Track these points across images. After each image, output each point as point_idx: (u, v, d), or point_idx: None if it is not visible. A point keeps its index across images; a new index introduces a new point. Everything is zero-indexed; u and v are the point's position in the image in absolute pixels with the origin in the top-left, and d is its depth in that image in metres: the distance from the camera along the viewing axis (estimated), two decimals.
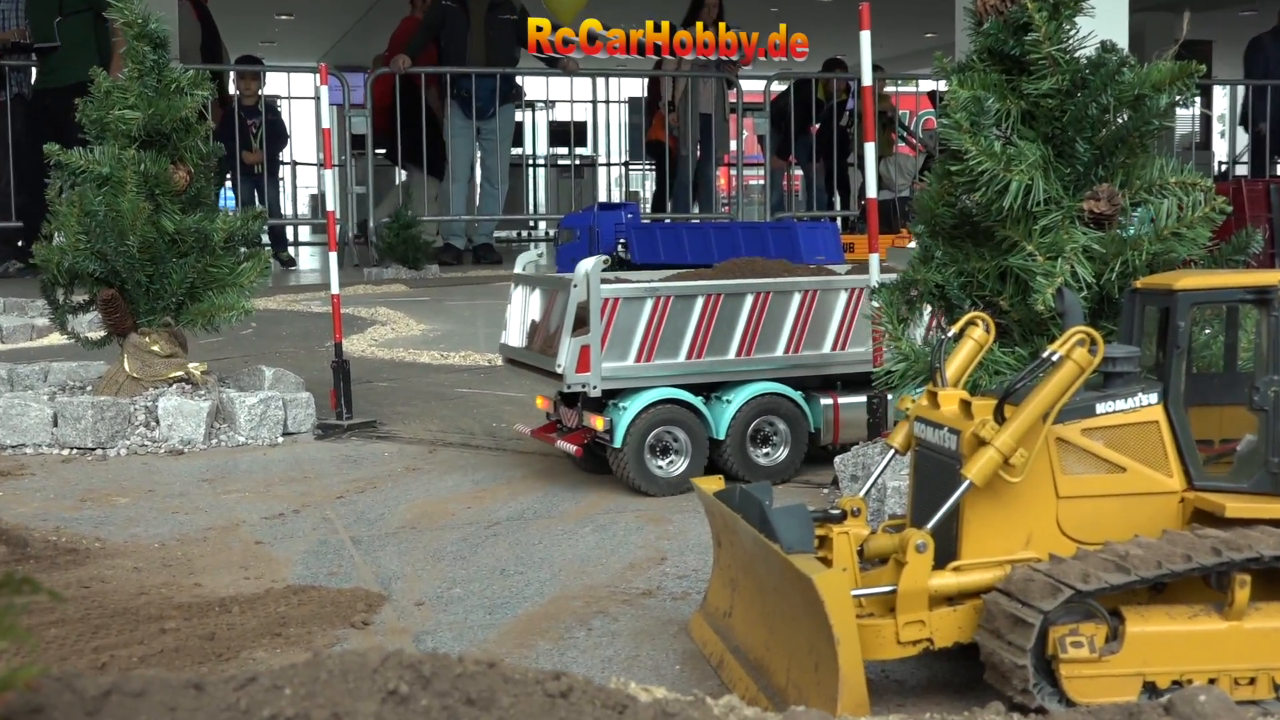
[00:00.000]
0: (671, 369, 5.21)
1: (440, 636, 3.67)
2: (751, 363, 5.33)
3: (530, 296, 5.55)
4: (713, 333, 5.24)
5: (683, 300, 5.20)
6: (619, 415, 5.11)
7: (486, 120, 16.89)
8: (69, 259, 6.26)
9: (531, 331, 5.49)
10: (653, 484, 5.16)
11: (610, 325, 5.11)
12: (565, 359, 5.09)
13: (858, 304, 5.43)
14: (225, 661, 3.43)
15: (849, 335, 5.45)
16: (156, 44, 6.28)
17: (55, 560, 4.33)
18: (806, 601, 2.90)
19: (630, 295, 5.14)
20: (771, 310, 5.31)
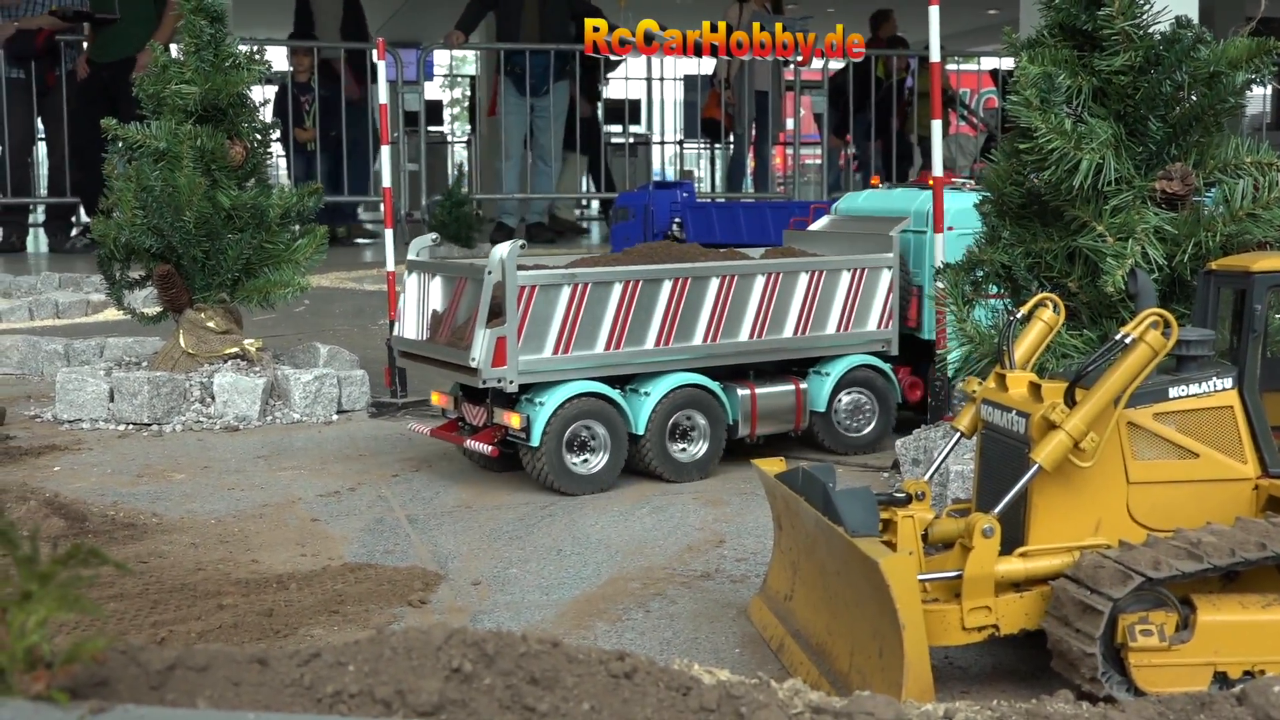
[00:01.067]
0: (589, 361, 4.92)
1: (497, 616, 3.65)
2: (671, 352, 5.07)
3: (430, 284, 5.15)
4: (631, 322, 4.97)
5: (600, 287, 4.90)
6: (536, 411, 4.80)
7: (540, 97, 16.85)
8: (126, 234, 6.27)
9: (434, 323, 5.09)
10: (571, 483, 4.86)
11: (527, 315, 4.79)
12: (480, 352, 4.73)
13: (775, 289, 5.20)
14: (283, 638, 3.42)
15: (766, 321, 5.22)
16: (214, 18, 6.27)
17: (113, 535, 4.34)
18: (871, 586, 2.85)
19: (547, 282, 4.83)
20: (689, 297, 5.06)
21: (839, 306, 5.36)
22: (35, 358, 7.35)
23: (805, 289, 5.29)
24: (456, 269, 5.12)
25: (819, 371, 5.42)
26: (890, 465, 5.19)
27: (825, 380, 5.37)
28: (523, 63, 16.49)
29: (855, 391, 5.45)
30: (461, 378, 4.92)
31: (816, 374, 5.42)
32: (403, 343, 5.26)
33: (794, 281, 5.27)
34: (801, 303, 5.28)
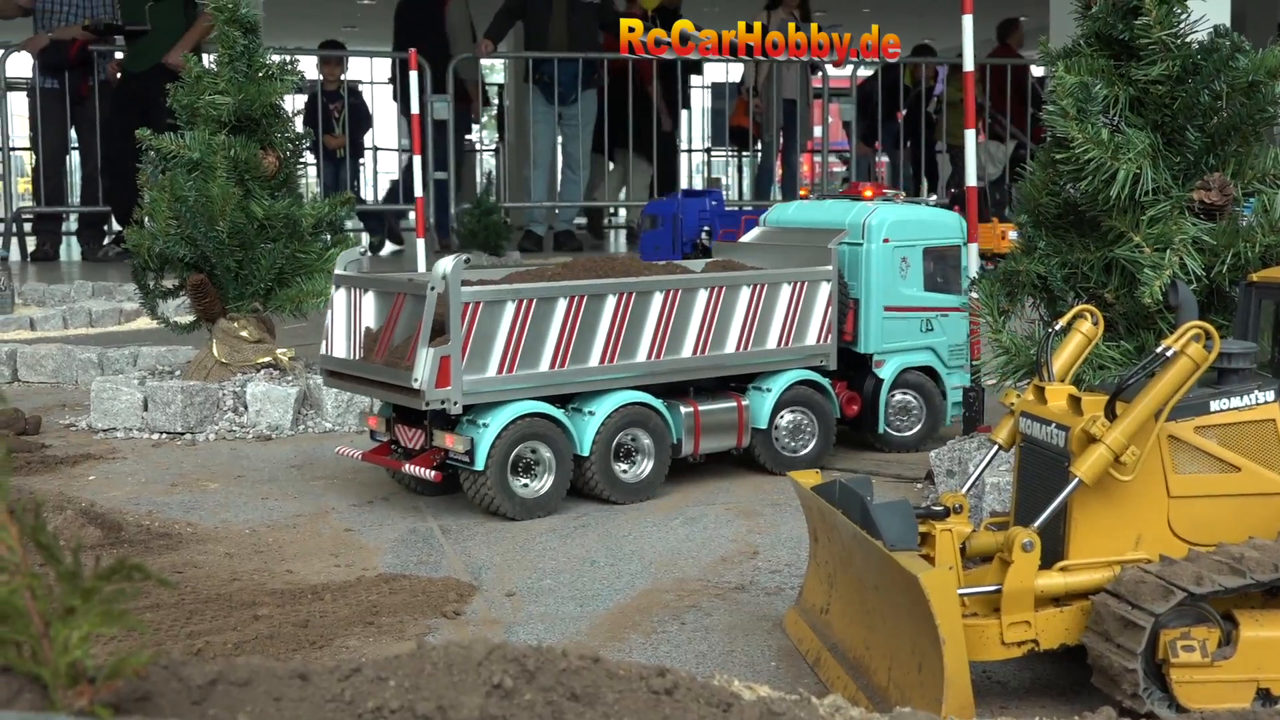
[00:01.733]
0: (534, 380, 4.73)
1: (532, 628, 3.64)
2: (615, 370, 4.89)
3: (362, 300, 4.89)
4: (576, 338, 4.78)
5: (545, 303, 4.71)
6: (480, 433, 4.60)
7: (568, 105, 16.88)
8: (159, 244, 6.30)
9: (368, 341, 4.85)
10: (516, 507, 4.68)
11: (471, 333, 4.57)
12: (423, 373, 4.48)
13: (718, 303, 5.06)
14: (319, 649, 3.42)
15: (710, 336, 5.07)
16: (247, 29, 6.30)
17: (149, 545, 4.35)
18: (910, 600, 2.83)
19: (492, 298, 4.62)
20: (634, 312, 4.89)
21: (780, 321, 5.24)
22: (70, 366, 7.39)
23: (747, 303, 5.16)
24: (393, 284, 4.88)
25: (759, 388, 5.29)
26: (924, 476, 5.16)
27: (766, 397, 5.25)
28: (551, 71, 16.53)
29: (796, 409, 5.32)
30: (400, 399, 4.68)
31: (757, 390, 5.28)
32: (332, 362, 4.97)
33: (736, 295, 5.14)
34: (744, 317, 5.16)
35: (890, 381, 5.57)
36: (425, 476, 4.69)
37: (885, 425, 5.60)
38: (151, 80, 13.29)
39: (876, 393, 5.56)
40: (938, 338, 5.69)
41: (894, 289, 5.54)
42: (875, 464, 5.56)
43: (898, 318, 5.57)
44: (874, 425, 5.60)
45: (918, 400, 5.67)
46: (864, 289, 5.48)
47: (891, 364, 5.59)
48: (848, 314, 5.47)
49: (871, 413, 5.58)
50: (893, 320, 5.56)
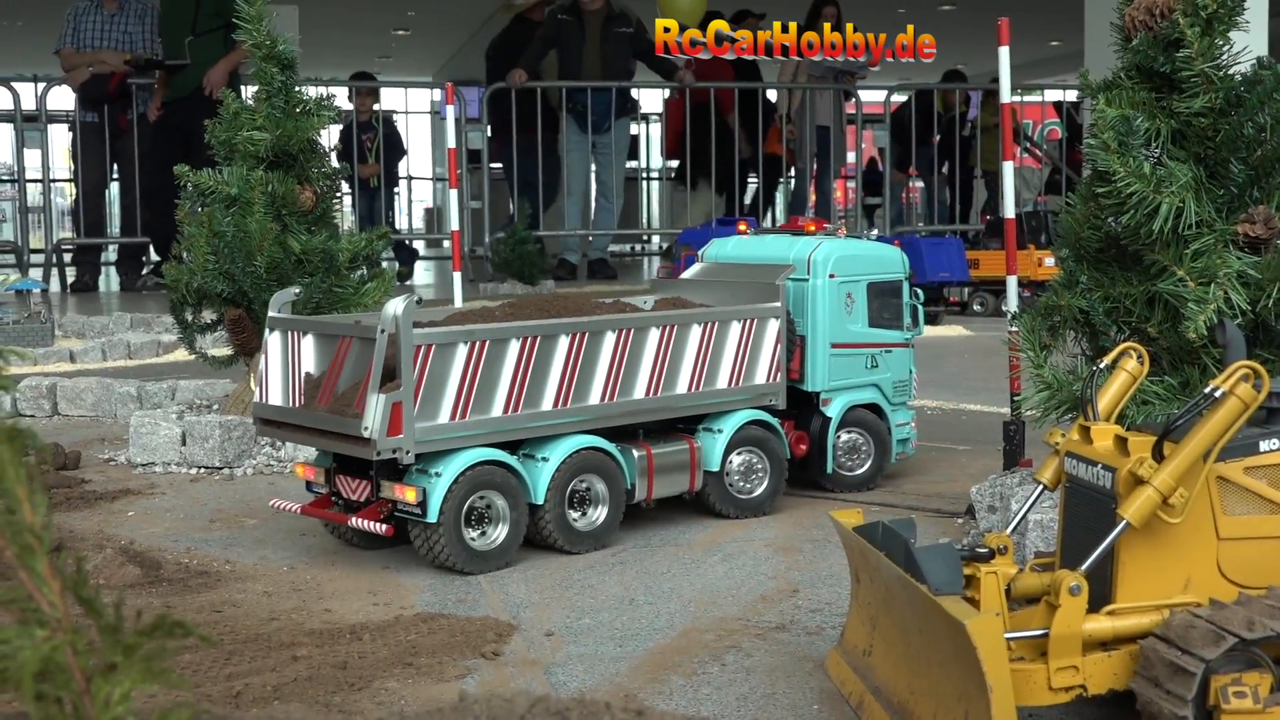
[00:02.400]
0: (487, 426, 4.50)
1: (571, 669, 3.61)
2: (569, 413, 4.69)
3: (300, 344, 4.63)
4: (529, 381, 4.58)
5: (498, 344, 4.50)
6: (432, 484, 4.37)
7: (602, 134, 16.93)
8: (197, 279, 6.33)
9: (309, 388, 4.59)
10: (471, 561, 4.45)
11: (423, 377, 4.34)
12: (374, 421, 4.22)
13: (670, 341, 4.92)
14: (358, 691, 3.41)
15: (661, 376, 4.92)
16: (284, 65, 6.33)
17: (187, 583, 4.35)
18: (957, 647, 2.79)
19: (444, 340, 4.40)
20: (586, 352, 4.71)
21: (730, 359, 5.11)
22: (109, 400, 7.43)
23: (699, 342, 5.01)
24: (337, 327, 4.67)
25: (709, 429, 5.13)
26: (964, 511, 5.11)
27: (718, 438, 5.10)
28: (584, 100, 16.58)
29: (747, 450, 5.18)
30: (347, 449, 4.41)
31: (707, 431, 5.13)
32: (267, 410, 4.68)
33: (687, 334, 4.98)
34: (695, 356, 5.01)
35: (838, 420, 5.45)
36: (376, 531, 4.45)
37: (834, 465, 5.48)
38: (191, 110, 13.41)
39: (824, 432, 5.44)
40: (882, 374, 5.61)
41: (840, 325, 5.45)
42: (917, 499, 5.52)
43: (844, 354, 5.47)
44: (822, 465, 5.47)
45: (865, 439, 5.57)
46: (810, 325, 5.38)
47: (838, 402, 5.49)
48: (794, 351, 5.35)
49: (819, 452, 5.45)
50: (839, 357, 5.47)
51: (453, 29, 22.85)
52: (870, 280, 5.53)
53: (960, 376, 9.17)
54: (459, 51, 24.82)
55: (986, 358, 10.14)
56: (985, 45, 19.65)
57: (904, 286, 5.65)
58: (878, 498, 5.53)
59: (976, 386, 8.63)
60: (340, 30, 19.34)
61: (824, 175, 19.08)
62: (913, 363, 5.79)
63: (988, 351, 10.52)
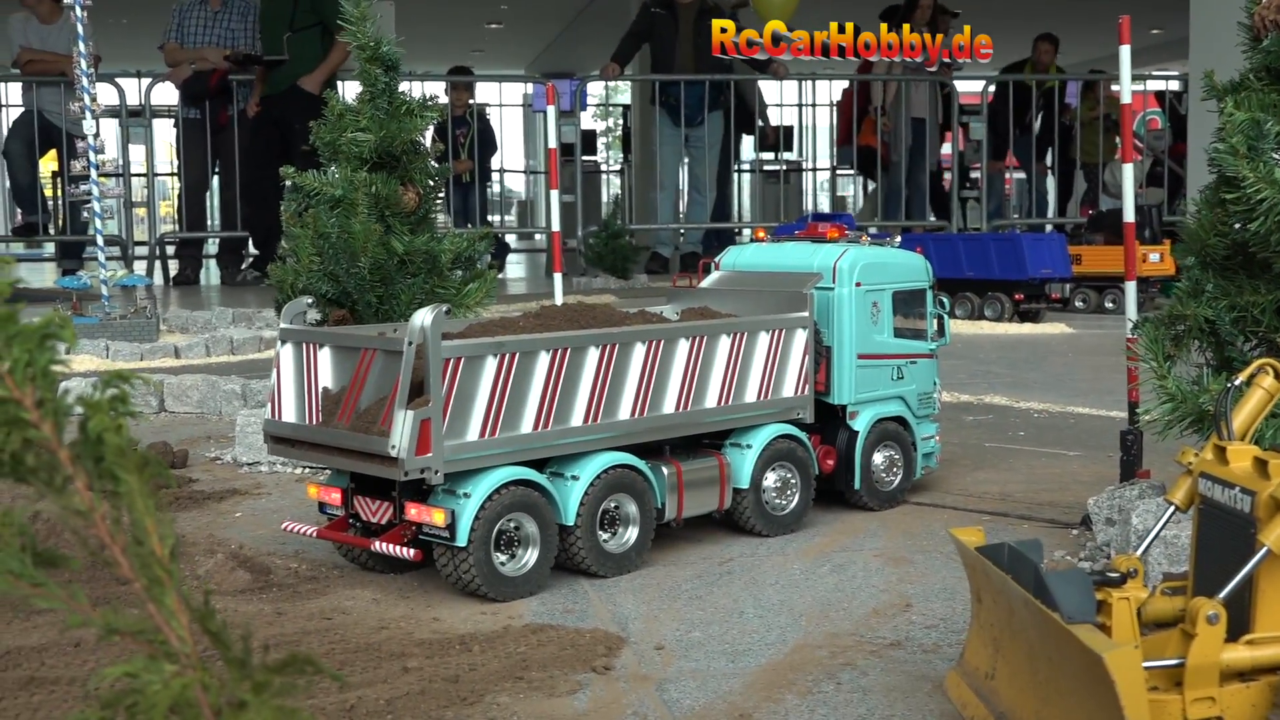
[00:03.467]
0: (516, 444, 4.30)
1: (683, 685, 3.56)
2: (598, 430, 4.48)
3: (316, 357, 4.44)
4: (559, 396, 4.39)
5: (528, 357, 4.31)
6: (461, 505, 4.16)
7: (694, 127, 16.87)
8: (303, 280, 6.35)
9: (328, 404, 4.39)
10: (500, 587, 4.24)
11: (452, 392, 4.13)
12: (402, 439, 4.01)
13: (699, 353, 4.75)
14: (470, 706, 3.38)
15: (691, 390, 4.74)
16: (388, 66, 6.33)
17: (297, 589, 4.37)
18: (1091, 678, 2.69)
19: (474, 353, 4.19)
20: (617, 365, 4.53)
21: (758, 372, 4.93)
22: (214, 397, 7.52)
23: (728, 353, 4.83)
24: (357, 339, 4.42)
25: (738, 444, 4.96)
26: (1079, 522, 4.99)
27: (747, 454, 4.92)
28: (677, 93, 16.53)
29: (781, 466, 5.02)
30: (370, 469, 4.19)
31: (735, 447, 4.96)
32: (281, 428, 4.47)
33: (716, 345, 4.80)
34: (724, 369, 4.83)
35: (865, 434, 5.28)
36: (404, 556, 4.24)
37: (862, 480, 5.29)
38: (288, 105, 13.57)
39: (851, 446, 5.25)
40: (907, 386, 5.44)
41: (867, 336, 5.27)
42: (1028, 507, 5.40)
43: (870, 366, 5.30)
44: (850, 480, 5.28)
45: (895, 453, 5.41)
46: (836, 336, 5.19)
47: (865, 415, 5.29)
48: (820, 363, 5.19)
49: (847, 468, 5.26)
50: (866, 369, 5.28)
51: (545, 22, 22.91)
52: (896, 289, 5.37)
53: (1066, 377, 9.00)
54: (552, 44, 24.87)
55: (1091, 357, 9.94)
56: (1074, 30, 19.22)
57: (928, 295, 5.49)
58: (989, 506, 5.42)
59: (1083, 388, 8.45)
60: (434, 25, 19.43)
61: (918, 168, 18.85)
62: (936, 374, 5.61)
63: (1092, 350, 10.31)
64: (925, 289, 5.47)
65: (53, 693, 3.39)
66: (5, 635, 3.73)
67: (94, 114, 9.59)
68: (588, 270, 15.39)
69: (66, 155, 12.97)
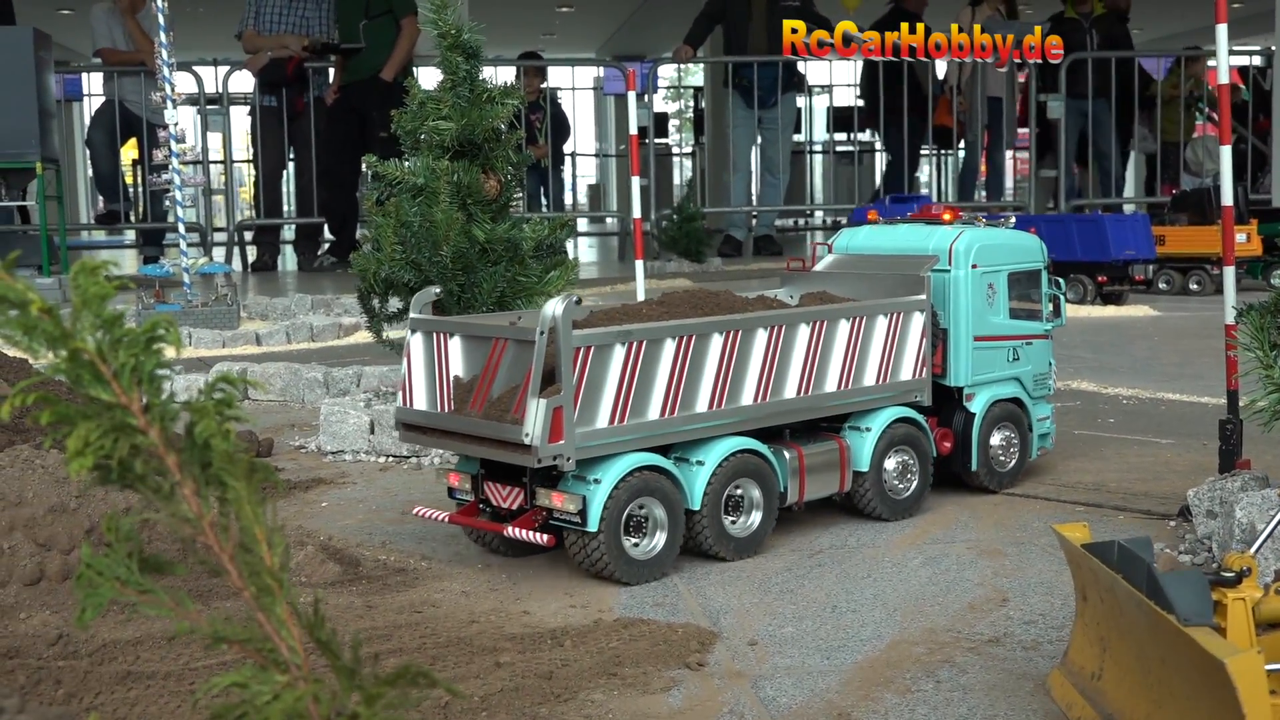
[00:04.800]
0: (644, 430, 4.37)
1: (779, 683, 3.51)
2: (722, 415, 4.54)
3: (447, 346, 4.49)
4: (685, 382, 4.44)
5: (654, 345, 4.36)
6: (592, 491, 4.24)
7: (768, 109, 16.75)
8: (385, 269, 6.36)
9: (460, 392, 4.45)
10: (630, 571, 4.32)
11: (583, 380, 4.21)
12: (535, 426, 4.10)
13: (820, 338, 4.78)
14: (564, 703, 3.36)
15: (812, 375, 4.76)
16: (469, 54, 6.31)
17: (387, 581, 4.36)
18: (1210, 682, 2.61)
19: (603, 342, 4.26)
20: (740, 351, 4.57)
21: (877, 355, 4.95)
22: (297, 385, 7.56)
23: (847, 337, 4.86)
24: (488, 329, 4.50)
25: (856, 427, 4.98)
26: (1177, 513, 4.87)
27: (866, 437, 4.95)
28: (750, 75, 16.41)
29: (901, 450, 5.04)
30: (503, 455, 4.26)
31: (855, 430, 4.98)
32: (414, 415, 4.56)
33: (835, 329, 4.83)
34: (843, 352, 4.86)
35: (982, 415, 5.27)
36: (536, 541, 4.31)
37: (979, 462, 5.28)
38: (366, 93, 13.63)
39: (968, 428, 5.25)
40: (1023, 367, 5.43)
41: (983, 317, 5.27)
42: (1122, 497, 5.29)
43: (986, 348, 5.30)
44: (967, 463, 5.28)
45: (1012, 434, 5.40)
46: (952, 318, 5.20)
47: (981, 397, 5.29)
48: (936, 346, 5.18)
49: (964, 450, 5.26)
50: (982, 351, 5.28)
51: (616, 4, 22.82)
52: (1011, 270, 5.36)
53: (1153, 361, 8.82)
54: (623, 26, 24.78)
55: (1178, 340, 9.75)
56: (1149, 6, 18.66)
57: (1043, 276, 5.48)
58: (1083, 497, 5.32)
59: (1171, 373, 8.29)
60: (507, 9, 19.42)
61: (995, 148, 18.59)
62: (1051, 355, 5.60)
63: (1179, 333, 10.12)
64: (1040, 270, 5.46)
65: (149, 688, 3.40)
66: (101, 628, 3.75)
67: (174, 103, 9.68)
68: (661, 254, 15.34)
69: (148, 144, 13.12)
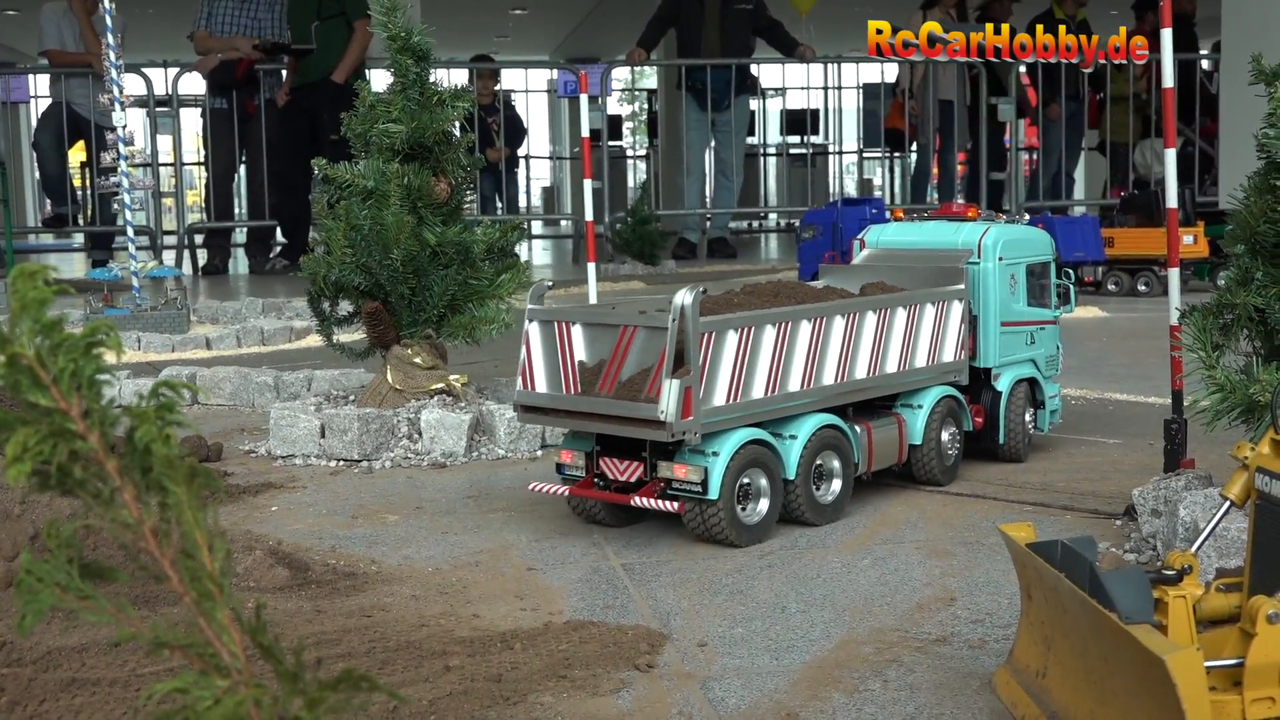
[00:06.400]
0: (752, 408, 4.80)
1: (728, 683, 3.53)
2: (810, 394, 4.99)
3: (570, 334, 4.82)
4: (782, 364, 4.89)
5: (760, 329, 4.80)
6: (712, 463, 4.64)
7: (721, 112, 16.78)
8: (335, 272, 6.34)
9: (586, 375, 4.78)
10: (743, 535, 4.73)
11: (707, 362, 4.64)
12: (670, 404, 4.49)
13: (884, 324, 5.25)
14: (513, 706, 3.35)
15: (878, 356, 5.25)
16: (419, 57, 6.30)
17: (336, 586, 4.34)
18: (1151, 680, 2.64)
19: (721, 327, 4.68)
20: (824, 335, 5.03)
21: (926, 339, 5.46)
22: (247, 390, 7.51)
23: (904, 323, 5.36)
24: (617, 317, 4.85)
25: (909, 404, 5.47)
26: (1123, 512, 4.93)
27: (919, 413, 5.44)
28: (704, 78, 16.44)
29: (948, 424, 5.57)
30: (633, 432, 4.64)
31: (908, 407, 5.47)
32: (536, 399, 4.90)
33: (895, 316, 5.33)
34: (901, 336, 5.36)
35: (1007, 393, 5.81)
36: (665, 509, 4.69)
37: (1006, 435, 5.84)
38: (317, 95, 13.56)
39: (995, 405, 5.80)
40: (1038, 350, 6.00)
41: (1007, 305, 5.81)
42: (1070, 497, 5.34)
43: (1010, 332, 5.85)
44: (995, 437, 5.83)
45: (1031, 410, 5.99)
46: (982, 305, 5.73)
47: (1006, 377, 5.85)
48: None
49: (992, 424, 5.80)
50: (1007, 335, 5.83)
51: (570, 7, 22.82)
52: (1028, 262, 5.91)
53: (1101, 362, 8.91)
54: (576, 29, 24.76)
55: (1126, 341, 9.85)
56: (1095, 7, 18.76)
57: (1051, 267, 6.02)
58: (1031, 497, 5.37)
59: (1119, 373, 8.37)
60: (459, 11, 19.38)
61: (947, 150, 18.69)
62: (1059, 338, 6.16)
63: (1126, 334, 10.23)
64: (1049, 261, 6.02)
65: (94, 694, 3.37)
66: (45, 635, 3.72)
67: (123, 105, 9.59)
68: (615, 257, 15.34)
69: (96, 147, 12.99)
